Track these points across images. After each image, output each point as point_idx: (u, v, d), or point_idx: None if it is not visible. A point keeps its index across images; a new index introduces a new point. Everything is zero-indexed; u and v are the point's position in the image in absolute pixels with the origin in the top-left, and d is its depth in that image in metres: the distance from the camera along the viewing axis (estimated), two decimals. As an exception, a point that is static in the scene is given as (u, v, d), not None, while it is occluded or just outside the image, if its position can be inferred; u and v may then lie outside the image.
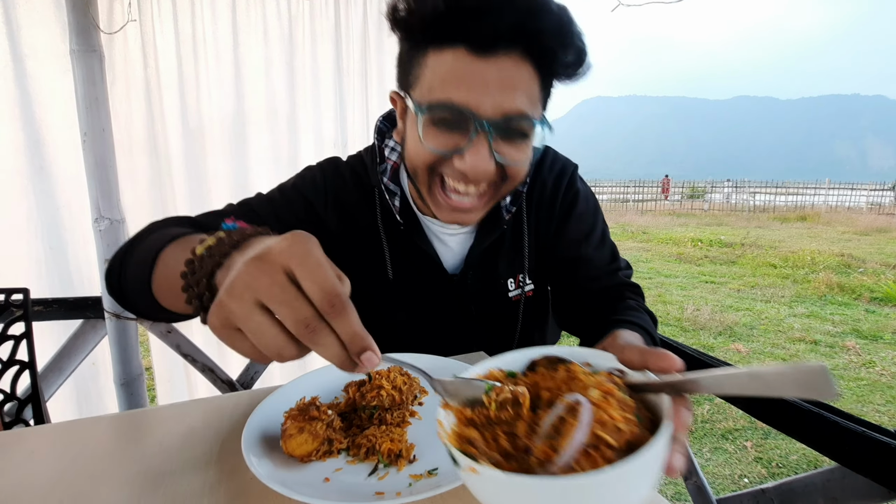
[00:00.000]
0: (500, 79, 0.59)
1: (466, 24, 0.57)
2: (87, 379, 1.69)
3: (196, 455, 0.59)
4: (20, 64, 1.44)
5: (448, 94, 0.60)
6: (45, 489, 0.53)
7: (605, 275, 0.85)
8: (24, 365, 1.16)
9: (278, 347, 0.35)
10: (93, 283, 1.62)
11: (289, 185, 0.85)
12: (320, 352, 0.35)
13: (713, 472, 2.28)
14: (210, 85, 1.72)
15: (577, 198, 0.87)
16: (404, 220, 0.80)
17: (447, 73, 0.60)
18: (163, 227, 0.69)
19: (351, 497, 0.49)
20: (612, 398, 0.36)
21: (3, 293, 1.17)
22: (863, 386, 3.23)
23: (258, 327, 0.35)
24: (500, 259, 0.85)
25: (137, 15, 1.57)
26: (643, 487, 0.34)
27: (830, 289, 5.63)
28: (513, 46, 0.59)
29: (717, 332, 4.27)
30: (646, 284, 5.95)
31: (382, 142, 0.82)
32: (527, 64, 0.61)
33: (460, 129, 0.63)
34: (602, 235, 0.88)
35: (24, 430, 0.67)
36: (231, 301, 0.35)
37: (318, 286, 0.34)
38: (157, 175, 1.70)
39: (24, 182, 1.49)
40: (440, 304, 0.87)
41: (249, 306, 0.34)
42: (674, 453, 0.35)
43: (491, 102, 0.60)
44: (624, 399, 0.36)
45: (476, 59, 0.59)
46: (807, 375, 0.29)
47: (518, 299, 0.88)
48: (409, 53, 0.65)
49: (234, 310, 0.35)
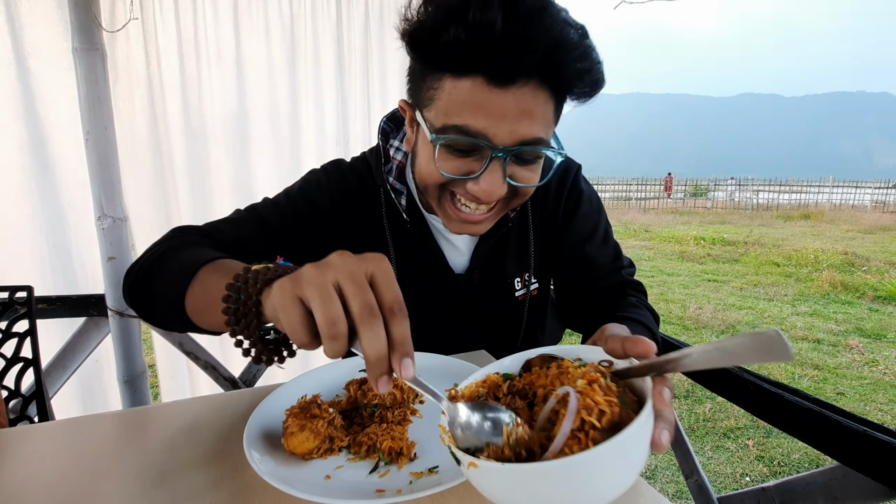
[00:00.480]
0: (518, 108, 0.59)
1: (488, 57, 0.56)
2: (90, 376, 1.70)
3: (199, 452, 0.59)
4: (23, 62, 1.45)
5: (465, 119, 0.60)
6: (51, 485, 0.53)
7: (608, 274, 0.86)
8: (29, 362, 1.17)
9: (335, 320, 0.37)
10: (96, 280, 1.63)
11: (294, 189, 0.85)
12: (367, 341, 0.37)
13: (715, 471, 2.28)
14: (212, 83, 1.72)
15: (581, 198, 0.88)
16: (411, 218, 0.81)
17: (464, 100, 0.59)
18: (182, 240, 0.71)
19: (352, 495, 0.49)
20: (596, 385, 0.39)
21: (8, 291, 1.18)
22: (866, 385, 3.22)
23: (327, 298, 0.38)
24: (507, 258, 0.86)
25: (139, 13, 1.57)
26: (631, 462, 0.37)
27: (834, 287, 5.61)
28: (532, 76, 0.58)
29: (720, 330, 4.26)
30: (648, 283, 5.93)
31: (387, 142, 0.82)
32: (544, 90, 0.60)
33: (475, 156, 0.63)
34: (605, 235, 0.89)
35: (30, 426, 0.67)
36: (315, 273, 0.39)
37: (390, 290, 0.39)
38: (160, 173, 1.70)
39: (28, 180, 1.50)
40: (446, 302, 0.87)
41: (326, 282, 0.38)
42: (660, 430, 0.38)
43: (508, 130, 0.60)
44: (608, 385, 0.39)
45: (494, 90, 0.58)
46: (764, 341, 0.32)
47: (524, 299, 0.88)
48: (423, 71, 0.64)
49: (313, 280, 0.38)
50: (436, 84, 0.61)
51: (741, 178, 20.69)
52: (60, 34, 1.47)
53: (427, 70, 0.63)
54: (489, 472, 0.36)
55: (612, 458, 0.35)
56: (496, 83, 0.58)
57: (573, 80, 0.60)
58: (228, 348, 1.91)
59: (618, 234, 1.04)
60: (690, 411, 2.83)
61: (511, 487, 0.36)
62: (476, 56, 0.56)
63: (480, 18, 0.54)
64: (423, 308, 0.88)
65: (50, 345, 1.51)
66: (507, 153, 0.61)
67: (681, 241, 9.13)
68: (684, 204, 18.34)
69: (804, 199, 18.66)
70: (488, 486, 0.38)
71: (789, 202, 17.67)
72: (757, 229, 10.82)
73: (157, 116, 1.67)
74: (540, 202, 0.87)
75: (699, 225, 11.84)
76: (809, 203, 17.26)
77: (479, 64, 0.57)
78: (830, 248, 7.94)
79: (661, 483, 2.19)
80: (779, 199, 17.74)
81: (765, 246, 8.51)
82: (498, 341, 0.92)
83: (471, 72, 0.58)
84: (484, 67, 0.57)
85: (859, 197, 18.53)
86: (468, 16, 0.54)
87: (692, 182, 23.10)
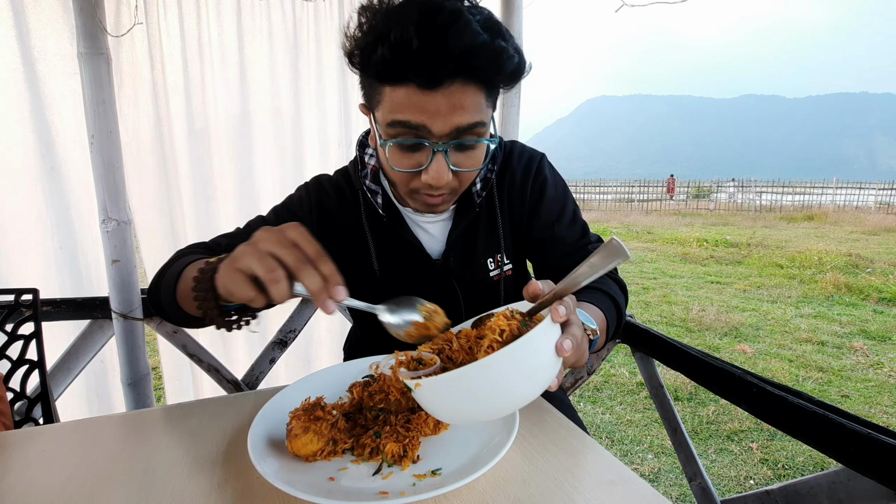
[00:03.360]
0: (450, 104, 0.68)
1: (412, 69, 0.65)
2: (95, 378, 1.70)
3: (203, 454, 0.59)
4: (30, 67, 1.46)
5: (406, 116, 0.69)
6: (57, 487, 0.54)
7: (576, 250, 0.93)
8: (34, 364, 1.18)
9: (273, 268, 0.50)
10: (101, 283, 1.64)
11: (282, 206, 0.96)
12: (308, 281, 0.50)
13: (718, 474, 2.27)
14: (216, 87, 1.73)
15: (546, 184, 0.94)
16: (387, 213, 0.90)
17: (402, 103, 0.69)
18: (185, 251, 0.85)
19: (355, 496, 0.49)
20: (502, 317, 0.54)
21: (14, 294, 1.18)
22: (870, 387, 3.20)
23: (262, 257, 0.51)
24: (477, 241, 0.93)
25: (144, 18, 1.59)
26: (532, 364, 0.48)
27: (838, 289, 5.59)
28: (456, 77, 0.67)
29: (723, 332, 4.25)
30: (651, 285, 5.93)
31: (363, 151, 0.93)
32: (471, 85, 0.68)
33: (420, 151, 0.73)
34: (573, 215, 0.96)
35: (36, 428, 0.68)
36: (247, 247, 0.53)
37: (311, 245, 0.52)
38: (164, 176, 1.71)
39: (34, 183, 1.51)
40: (427, 288, 0.92)
41: (263, 252, 0.51)
42: (563, 339, 0.50)
43: (443, 121, 0.68)
44: (513, 316, 0.54)
45: (426, 93, 0.67)
46: (609, 248, 0.46)
47: (499, 279, 0.95)
48: (367, 81, 0.74)
49: (247, 251, 0.53)
50: (378, 91, 0.71)
51: (744, 179, 20.63)
52: (66, 39, 1.48)
53: (370, 81, 0.73)
54: (427, 387, 0.49)
55: (518, 358, 0.46)
56: (426, 88, 0.66)
57: (492, 75, 0.69)
58: (231, 351, 1.91)
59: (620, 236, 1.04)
60: (694, 414, 2.82)
61: (442, 394, 0.49)
62: (402, 69, 0.66)
63: (400, 37, 0.63)
64: (407, 293, 0.93)
65: (55, 347, 1.52)
66: (447, 146, 0.71)
67: (683, 242, 9.11)
68: (687, 206, 18.29)
69: (807, 200, 18.60)
70: (430, 401, 0.51)
71: (792, 204, 17.61)
72: (760, 231, 10.79)
73: (162, 120, 1.68)
74: (507, 190, 0.94)
75: (702, 227, 11.81)
76: (813, 204, 17.20)
77: (407, 75, 0.66)
78: (834, 250, 7.91)
79: (664, 486, 2.18)
80: (782, 201, 17.69)
81: (768, 248, 8.48)
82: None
83: (402, 81, 0.67)
84: (412, 77, 0.66)
85: (863, 198, 18.45)
86: (390, 36, 0.63)
87: (695, 184, 23.06)
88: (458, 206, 0.91)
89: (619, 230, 11.20)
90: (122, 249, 1.48)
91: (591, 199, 20.14)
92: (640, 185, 21.17)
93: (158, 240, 1.74)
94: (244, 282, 0.52)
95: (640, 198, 20.14)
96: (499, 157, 0.93)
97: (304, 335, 1.87)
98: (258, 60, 1.76)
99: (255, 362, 1.77)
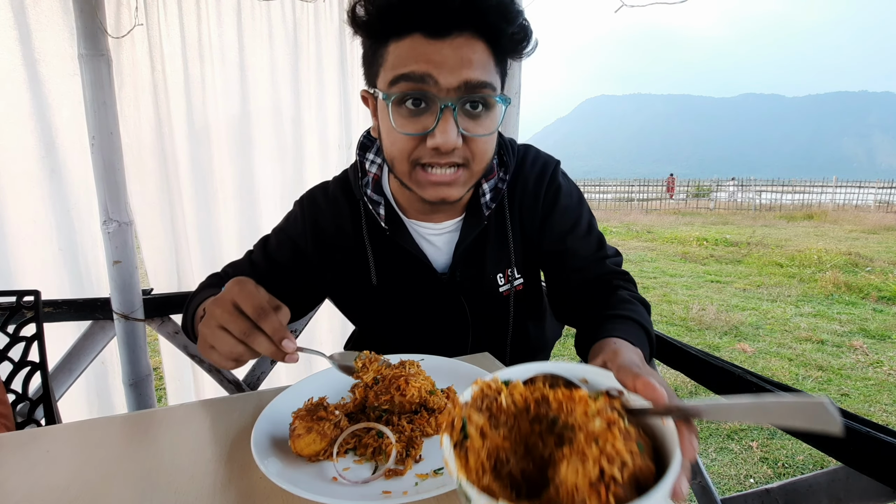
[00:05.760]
0: (457, 55, 0.65)
1: (419, 12, 0.64)
2: (96, 379, 1.71)
3: (206, 454, 0.60)
4: (31, 68, 1.46)
5: (410, 67, 0.66)
6: (60, 488, 0.54)
7: (592, 264, 0.86)
8: (36, 366, 1.18)
9: (236, 353, 0.56)
10: (102, 284, 1.64)
11: (279, 228, 0.94)
12: (258, 348, 0.55)
13: (718, 472, 2.27)
14: (216, 88, 1.73)
15: (560, 193, 0.88)
16: (390, 225, 0.84)
17: (407, 54, 0.66)
18: (204, 284, 0.90)
19: (358, 496, 0.50)
20: (616, 429, 0.35)
21: (16, 295, 1.19)
22: (870, 386, 3.20)
23: (221, 341, 0.56)
24: (486, 255, 0.87)
25: (144, 19, 1.59)
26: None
27: (837, 288, 5.59)
28: (464, 27, 0.65)
29: (723, 331, 4.25)
30: (651, 284, 5.93)
31: (364, 155, 0.88)
32: (479, 41, 0.67)
33: (427, 111, 0.68)
34: (588, 226, 0.89)
35: (39, 429, 0.68)
36: (205, 329, 0.58)
37: (249, 305, 0.55)
38: (164, 177, 1.72)
39: (35, 185, 1.51)
40: (432, 303, 0.89)
41: (213, 329, 0.56)
42: (681, 479, 0.34)
43: (449, 72, 0.65)
44: (627, 430, 0.35)
45: (432, 41, 0.65)
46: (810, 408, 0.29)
47: (508, 294, 0.90)
48: (372, 49, 0.71)
49: (206, 333, 0.58)
50: (382, 52, 0.69)
51: (744, 178, 20.63)
52: (66, 40, 1.48)
53: (375, 46, 0.70)
54: None
55: None
56: (433, 36, 0.65)
57: (501, 24, 0.67)
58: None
59: (620, 235, 1.03)
60: (694, 413, 2.82)
61: None
62: (409, 15, 0.64)
63: None
64: (412, 309, 0.90)
65: (56, 348, 1.52)
66: (455, 103, 0.67)
67: (683, 241, 9.11)
68: (687, 205, 18.29)
69: (807, 199, 18.59)
70: None
71: (792, 202, 17.61)
72: (760, 230, 10.79)
73: (162, 121, 1.68)
74: (518, 199, 0.88)
75: (702, 226, 11.81)
76: (812, 203, 17.19)
77: (414, 22, 0.64)
78: (834, 249, 7.91)
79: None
80: (781, 200, 17.68)
81: (768, 246, 8.48)
82: (488, 338, 0.93)
83: (409, 31, 0.65)
84: (419, 25, 0.64)
85: (863, 197, 18.44)
86: None
87: (694, 183, 23.05)
88: (466, 216, 0.85)
89: (619, 229, 11.19)
90: (124, 250, 1.48)
91: (590, 199, 20.09)
92: (640, 184, 21.17)
93: (159, 240, 1.74)
94: (221, 359, 0.58)
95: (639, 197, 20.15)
96: (511, 165, 0.86)
97: (304, 335, 1.88)
98: (258, 61, 1.76)
99: (256, 363, 1.77)
